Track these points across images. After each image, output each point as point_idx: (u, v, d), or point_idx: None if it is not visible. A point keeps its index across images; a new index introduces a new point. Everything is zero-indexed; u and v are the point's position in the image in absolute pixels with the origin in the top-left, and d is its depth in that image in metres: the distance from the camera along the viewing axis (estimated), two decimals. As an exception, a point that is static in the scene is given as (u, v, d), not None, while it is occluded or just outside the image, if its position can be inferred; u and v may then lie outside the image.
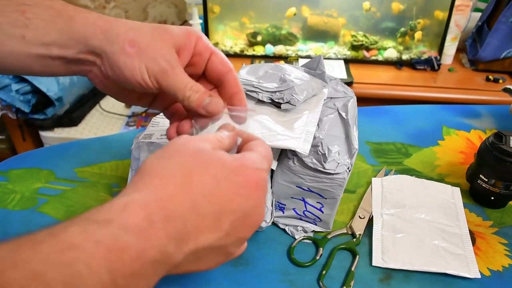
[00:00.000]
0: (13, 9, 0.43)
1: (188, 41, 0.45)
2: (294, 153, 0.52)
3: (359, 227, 0.59)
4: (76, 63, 0.45)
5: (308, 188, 0.54)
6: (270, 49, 1.72)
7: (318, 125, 0.56)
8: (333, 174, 0.52)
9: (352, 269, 0.53)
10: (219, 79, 0.46)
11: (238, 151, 0.41)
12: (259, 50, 1.73)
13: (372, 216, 0.60)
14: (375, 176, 0.69)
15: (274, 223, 0.60)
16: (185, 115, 0.48)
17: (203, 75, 0.48)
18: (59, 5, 0.44)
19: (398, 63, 1.69)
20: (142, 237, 0.29)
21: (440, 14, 1.63)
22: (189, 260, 0.33)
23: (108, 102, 1.82)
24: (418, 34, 1.67)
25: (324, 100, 0.59)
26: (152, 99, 0.50)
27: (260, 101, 0.56)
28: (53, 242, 0.26)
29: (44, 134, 1.75)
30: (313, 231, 0.59)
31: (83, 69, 0.46)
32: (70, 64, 0.45)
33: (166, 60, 0.43)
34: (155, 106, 0.51)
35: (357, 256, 0.55)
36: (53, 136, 1.74)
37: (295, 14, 1.68)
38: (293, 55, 1.71)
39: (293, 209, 0.58)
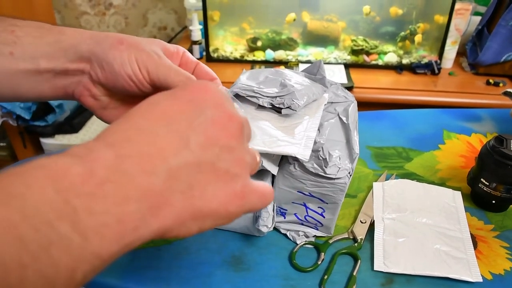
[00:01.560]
0: (3, 29, 0.44)
1: (176, 50, 0.47)
2: (295, 158, 0.52)
3: (360, 231, 0.59)
4: (64, 76, 0.45)
5: (309, 193, 0.54)
6: (270, 54, 1.72)
7: (318, 130, 0.56)
8: (334, 179, 0.52)
9: (354, 273, 0.53)
10: None
11: None
12: (259, 56, 1.74)
13: (374, 221, 0.60)
14: (376, 181, 0.69)
15: (275, 228, 0.60)
16: None
17: None
18: (49, 25, 0.46)
19: (398, 68, 1.69)
20: (85, 159, 0.27)
21: (440, 18, 1.63)
22: (178, 189, 0.29)
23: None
24: (418, 37, 1.67)
25: (325, 105, 0.60)
26: None
27: (260, 107, 0.57)
28: None
29: (45, 141, 1.75)
30: (315, 236, 0.59)
31: (70, 82, 0.46)
32: (58, 77, 0.46)
33: (154, 52, 0.44)
34: None
35: (359, 261, 0.55)
36: (54, 143, 1.74)
37: (294, 20, 1.68)
38: (293, 60, 1.72)
39: (295, 214, 0.58)
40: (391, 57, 1.71)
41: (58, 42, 0.44)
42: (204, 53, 1.75)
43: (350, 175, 0.53)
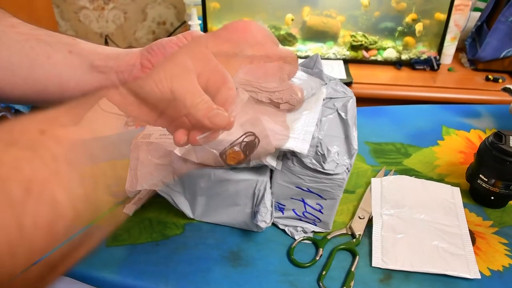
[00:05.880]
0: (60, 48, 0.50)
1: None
2: (293, 153, 0.52)
3: (358, 227, 0.59)
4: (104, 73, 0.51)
5: (307, 188, 0.54)
6: (269, 49, 1.71)
7: (317, 125, 0.55)
8: (332, 174, 0.52)
9: (352, 269, 0.53)
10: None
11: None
12: (258, 51, 1.73)
13: (372, 217, 0.60)
14: (374, 177, 0.68)
15: (273, 224, 0.60)
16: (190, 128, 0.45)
17: None
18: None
19: (397, 63, 1.69)
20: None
21: (440, 14, 1.63)
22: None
23: (108, 103, 1.81)
24: (419, 25, 1.66)
25: (324, 100, 0.59)
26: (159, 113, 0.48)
27: (259, 101, 0.56)
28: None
29: (43, 135, 1.74)
30: (313, 231, 0.58)
31: (105, 78, 0.51)
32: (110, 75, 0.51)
33: (182, 65, 0.42)
34: (160, 123, 0.48)
35: (357, 257, 0.55)
36: (52, 137, 1.74)
37: (292, 20, 1.68)
38: (292, 55, 1.71)
39: (293, 209, 0.57)
40: (390, 53, 1.71)
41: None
42: (203, 48, 1.74)
43: (349, 171, 0.53)
